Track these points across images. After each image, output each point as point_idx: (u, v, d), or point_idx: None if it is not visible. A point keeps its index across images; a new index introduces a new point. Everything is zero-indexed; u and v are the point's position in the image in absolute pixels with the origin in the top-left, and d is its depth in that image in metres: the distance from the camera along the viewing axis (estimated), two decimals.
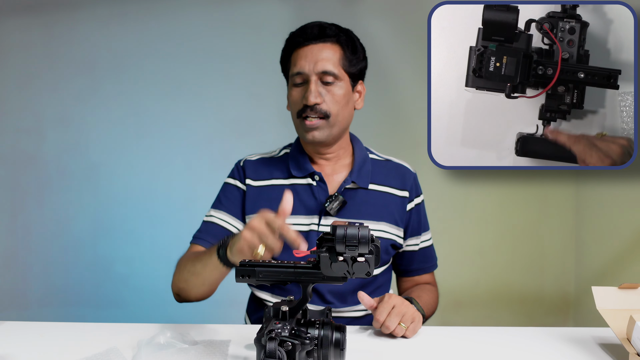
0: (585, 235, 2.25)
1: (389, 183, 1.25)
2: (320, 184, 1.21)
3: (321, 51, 1.17)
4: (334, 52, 1.18)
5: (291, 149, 1.28)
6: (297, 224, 1.18)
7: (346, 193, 1.21)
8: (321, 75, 1.16)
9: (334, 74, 1.16)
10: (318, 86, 1.16)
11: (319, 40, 1.18)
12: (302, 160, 1.24)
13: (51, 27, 2.28)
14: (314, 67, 1.15)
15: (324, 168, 1.24)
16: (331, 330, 0.77)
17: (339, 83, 1.18)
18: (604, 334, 1.01)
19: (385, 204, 1.23)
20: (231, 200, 1.24)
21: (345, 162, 1.26)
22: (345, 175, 1.23)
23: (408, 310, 1.03)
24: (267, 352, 0.70)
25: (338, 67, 1.17)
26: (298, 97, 1.18)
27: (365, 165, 1.25)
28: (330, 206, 1.17)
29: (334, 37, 1.19)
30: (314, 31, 1.18)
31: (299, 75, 1.17)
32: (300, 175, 1.22)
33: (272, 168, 1.26)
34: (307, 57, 1.17)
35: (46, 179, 2.33)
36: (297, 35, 1.20)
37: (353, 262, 0.75)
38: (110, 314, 2.30)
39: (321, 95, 1.16)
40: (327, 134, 1.18)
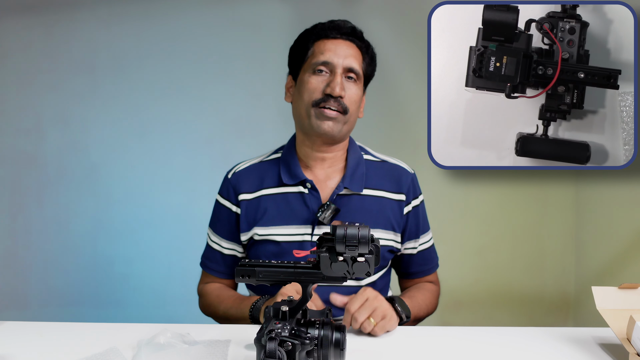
0: (585, 235, 2.25)
1: (384, 187, 1.23)
2: (312, 192, 1.18)
3: (349, 48, 1.18)
4: (358, 54, 1.19)
5: (283, 152, 1.25)
6: (289, 234, 1.17)
7: (339, 200, 1.18)
8: (346, 71, 1.16)
9: (357, 73, 1.18)
10: (343, 80, 1.16)
11: (349, 38, 1.19)
12: (293, 166, 1.21)
13: (51, 27, 2.28)
14: (343, 61, 1.16)
15: (317, 173, 1.22)
16: (331, 330, 0.77)
17: (358, 84, 1.19)
18: (604, 334, 1.01)
19: (380, 209, 1.21)
20: (223, 223, 1.25)
21: (339, 166, 1.23)
22: (338, 181, 1.21)
23: (381, 305, 1.00)
24: (267, 352, 0.70)
25: (360, 68, 1.19)
26: (319, 85, 1.16)
27: (359, 168, 1.22)
28: (322, 216, 1.15)
29: (360, 41, 1.21)
30: (347, 28, 1.19)
31: (324, 65, 1.16)
32: (292, 183, 1.20)
33: (262, 175, 1.23)
34: (337, 49, 1.17)
35: (46, 179, 2.32)
36: (327, 27, 1.20)
37: (353, 262, 0.74)
38: (110, 314, 2.30)
39: (344, 89, 1.16)
40: (340, 129, 1.17)
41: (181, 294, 2.25)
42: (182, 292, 2.25)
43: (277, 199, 1.20)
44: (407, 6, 2.18)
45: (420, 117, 1.58)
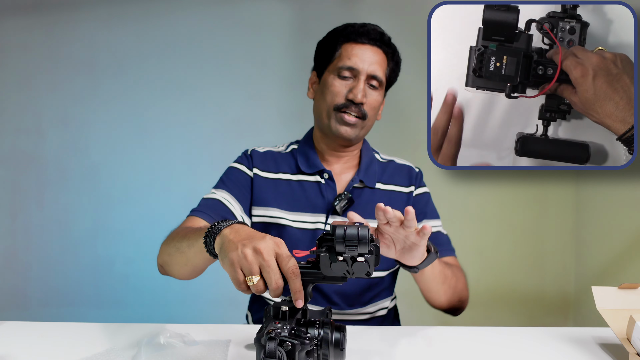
0: (585, 235, 2.25)
1: (395, 181, 1.26)
2: (329, 182, 1.21)
3: (376, 55, 1.19)
4: (384, 60, 1.21)
5: (299, 145, 1.28)
6: (303, 222, 1.18)
7: (353, 192, 1.21)
8: (369, 78, 1.18)
9: (380, 80, 1.19)
10: (365, 86, 1.18)
11: (377, 44, 1.20)
12: (312, 157, 1.23)
13: (51, 27, 2.29)
14: (367, 68, 1.17)
15: (333, 166, 1.25)
16: (331, 330, 0.77)
17: (380, 90, 1.21)
18: (604, 334, 1.01)
19: (391, 202, 1.23)
20: (235, 183, 1.20)
21: (353, 163, 1.27)
22: (353, 175, 1.24)
23: None
24: (266, 352, 0.70)
25: (384, 75, 1.20)
26: (342, 90, 1.18)
27: (372, 165, 1.26)
28: (338, 205, 1.17)
29: (387, 47, 1.21)
30: (377, 34, 1.20)
31: (349, 70, 1.17)
32: (309, 172, 1.22)
33: (279, 162, 1.25)
34: (364, 56, 1.18)
35: (46, 179, 2.33)
36: (358, 31, 1.20)
37: (353, 262, 0.74)
38: (110, 314, 2.30)
39: (366, 96, 1.17)
40: (357, 134, 1.20)
41: (181, 294, 2.26)
42: (182, 292, 2.26)
43: (294, 185, 1.21)
44: (407, 6, 2.18)
45: (420, 117, 1.58)
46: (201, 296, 2.23)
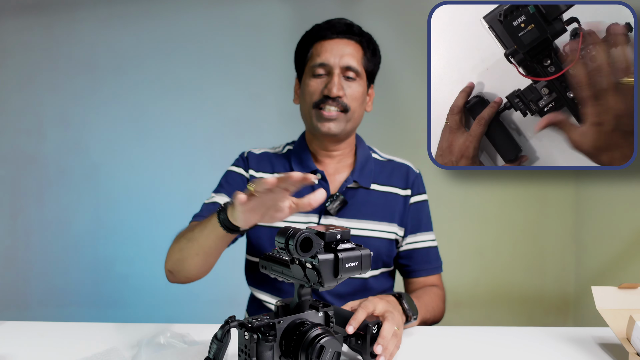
0: (585, 235, 2.25)
1: (392, 183, 1.25)
2: (322, 183, 1.20)
3: (346, 46, 1.19)
4: (357, 50, 1.20)
5: (294, 146, 1.28)
6: (295, 222, 1.18)
7: (347, 192, 1.20)
8: (344, 70, 1.18)
9: (356, 71, 1.18)
10: (341, 80, 1.17)
11: (345, 36, 1.20)
12: (304, 157, 1.24)
13: (51, 27, 2.29)
14: (339, 61, 1.17)
15: (327, 167, 1.24)
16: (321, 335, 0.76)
17: (359, 81, 1.20)
18: (604, 333, 1.01)
19: (387, 203, 1.22)
20: (233, 186, 1.23)
21: (347, 162, 1.26)
22: (347, 175, 1.23)
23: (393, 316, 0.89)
24: (216, 335, 0.74)
25: (360, 65, 1.20)
26: (317, 87, 1.18)
27: (368, 164, 1.25)
28: (330, 206, 1.17)
29: (358, 36, 1.21)
30: (342, 26, 1.20)
31: (321, 67, 1.18)
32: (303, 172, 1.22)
33: (274, 163, 1.26)
34: (333, 50, 1.18)
35: (46, 179, 2.33)
36: (323, 28, 1.21)
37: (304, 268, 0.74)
38: (110, 314, 2.30)
39: (343, 89, 1.17)
40: (342, 128, 1.19)
41: (181, 294, 2.25)
42: (183, 292, 2.25)
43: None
44: (407, 6, 2.18)
45: (420, 117, 1.58)
46: (201, 296, 2.23)
